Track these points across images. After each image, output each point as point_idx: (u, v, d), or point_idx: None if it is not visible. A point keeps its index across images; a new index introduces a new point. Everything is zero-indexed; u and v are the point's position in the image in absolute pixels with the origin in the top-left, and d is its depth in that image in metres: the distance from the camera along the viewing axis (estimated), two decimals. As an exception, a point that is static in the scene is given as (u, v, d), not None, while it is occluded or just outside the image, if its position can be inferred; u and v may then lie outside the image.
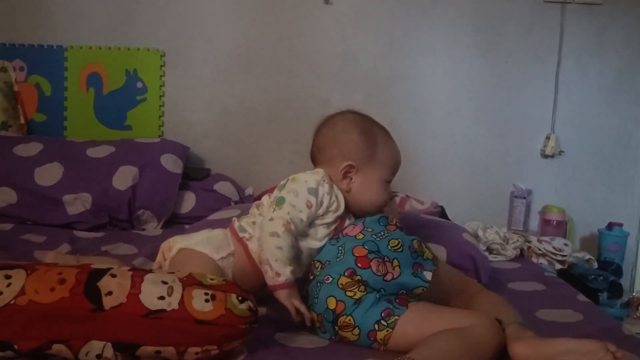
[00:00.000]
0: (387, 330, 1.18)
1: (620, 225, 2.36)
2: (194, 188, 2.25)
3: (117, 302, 0.99)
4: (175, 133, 2.48)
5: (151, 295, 1.01)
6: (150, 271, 1.10)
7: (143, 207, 2.08)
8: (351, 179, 1.38)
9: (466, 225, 2.25)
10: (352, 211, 1.40)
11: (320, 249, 1.33)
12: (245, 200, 2.26)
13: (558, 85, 2.49)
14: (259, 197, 1.97)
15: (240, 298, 1.05)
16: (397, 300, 1.22)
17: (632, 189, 2.53)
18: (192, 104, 2.51)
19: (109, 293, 1.00)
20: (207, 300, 1.03)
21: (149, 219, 2.09)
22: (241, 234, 1.36)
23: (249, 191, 2.34)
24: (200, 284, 1.06)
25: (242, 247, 1.34)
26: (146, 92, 2.47)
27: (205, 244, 1.32)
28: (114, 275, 1.03)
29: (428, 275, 1.26)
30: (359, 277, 1.22)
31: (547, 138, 2.50)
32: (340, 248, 1.29)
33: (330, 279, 1.24)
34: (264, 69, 2.50)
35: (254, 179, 2.45)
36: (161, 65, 2.47)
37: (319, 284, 1.25)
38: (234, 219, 1.42)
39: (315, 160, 1.45)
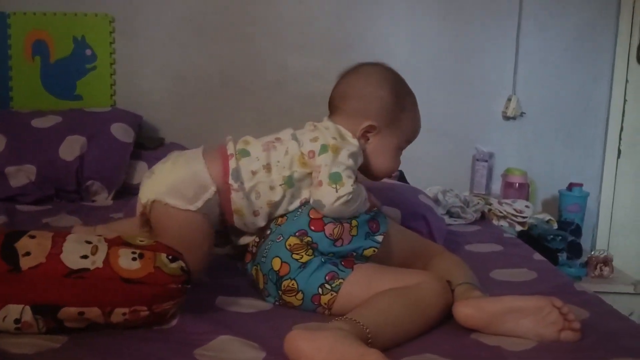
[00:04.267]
0: (332, 294, 1.15)
1: (580, 185, 2.36)
2: (146, 158, 2.17)
3: (35, 263, 0.93)
4: (128, 102, 2.39)
5: (73, 254, 0.96)
6: None
7: (92, 177, 2.00)
8: (368, 139, 1.29)
9: (427, 189, 2.22)
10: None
11: None
12: (201, 170, 2.19)
13: (518, 46, 2.46)
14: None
15: (170, 257, 1.00)
16: (343, 263, 1.19)
17: (593, 150, 2.52)
18: (145, 71, 2.42)
19: (27, 254, 0.94)
20: (134, 259, 0.98)
21: (98, 190, 2.02)
22: (233, 182, 1.20)
23: (204, 160, 2.27)
24: (128, 244, 1.01)
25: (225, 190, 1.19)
26: (96, 60, 2.37)
27: (176, 193, 1.17)
28: (32, 237, 0.98)
29: (379, 238, 1.23)
30: (309, 239, 1.18)
31: (508, 100, 2.47)
32: (302, 207, 1.24)
33: (281, 238, 1.19)
34: (218, 33, 2.41)
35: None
36: (110, 32, 2.37)
37: (270, 242, 1.21)
38: (230, 142, 1.26)
39: (334, 107, 1.32)
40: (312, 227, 1.19)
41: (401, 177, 2.19)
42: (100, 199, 2.02)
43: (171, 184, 1.19)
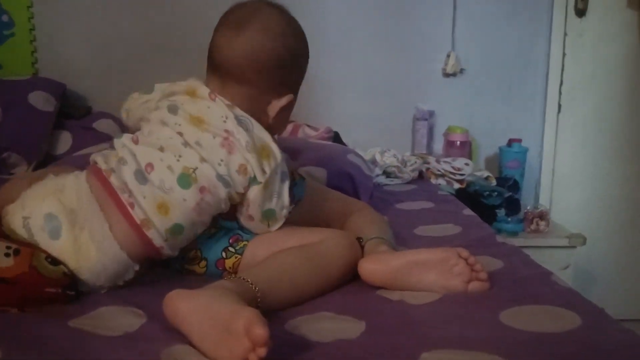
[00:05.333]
0: (236, 257, 1.09)
1: (519, 141, 2.34)
2: (70, 127, 2.08)
3: None
4: (52, 71, 2.26)
5: None
6: None
7: (8, 149, 1.90)
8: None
9: (367, 151, 2.18)
10: None
11: None
12: (129, 138, 2.10)
13: (456, 2, 2.39)
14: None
15: (50, 260, 0.92)
16: (247, 227, 1.13)
17: (533, 105, 2.50)
18: (68, 38, 2.30)
19: None
20: (7, 255, 0.89)
21: (17, 161, 1.92)
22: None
23: (133, 128, 2.19)
24: (6, 237, 0.92)
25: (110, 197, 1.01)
26: (14, 26, 2.24)
27: (85, 277, 0.98)
28: None
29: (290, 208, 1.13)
30: (218, 225, 1.12)
31: (448, 56, 2.42)
32: None
33: None
34: (144, -5, 2.31)
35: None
36: (28, -5, 2.24)
37: None
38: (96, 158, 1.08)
39: None
40: (223, 216, 1.11)
41: (336, 138, 2.13)
42: (19, 171, 1.92)
43: (78, 269, 0.98)
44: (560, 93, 2.47)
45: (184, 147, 1.03)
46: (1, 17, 2.23)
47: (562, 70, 2.45)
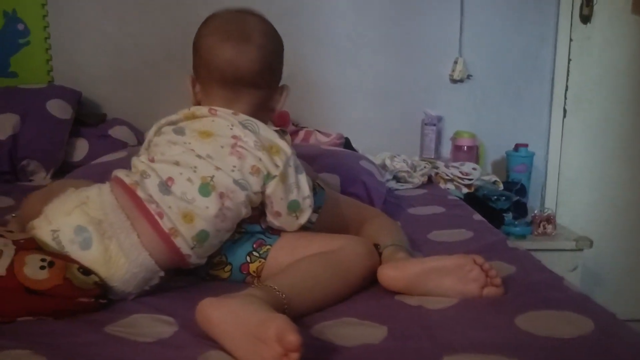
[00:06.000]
0: (260, 261, 1.13)
1: (526, 146, 2.38)
2: (86, 134, 2.13)
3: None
4: (67, 78, 2.31)
5: None
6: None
7: (28, 156, 1.95)
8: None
9: (377, 156, 2.22)
10: None
11: None
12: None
13: (463, 7, 2.44)
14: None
15: (82, 270, 0.95)
16: (270, 231, 1.17)
17: (540, 110, 2.54)
18: (83, 45, 2.35)
19: None
20: (42, 267, 0.92)
21: (36, 169, 1.97)
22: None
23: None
24: (39, 249, 0.95)
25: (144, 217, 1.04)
26: (29, 35, 2.29)
27: (117, 284, 1.01)
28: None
29: (313, 217, 1.19)
30: (242, 230, 1.16)
31: (455, 62, 2.46)
32: None
33: None
34: (157, 2, 2.35)
35: (155, 121, 2.31)
36: (43, 4, 2.28)
37: None
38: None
39: None
40: (247, 220, 1.15)
41: (347, 144, 2.18)
42: (38, 179, 1.97)
43: (109, 278, 1.01)
44: (565, 98, 2.50)
45: (197, 159, 1.08)
46: (17, 26, 2.28)
47: (568, 75, 2.49)
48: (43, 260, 0.93)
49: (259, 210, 1.15)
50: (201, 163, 1.07)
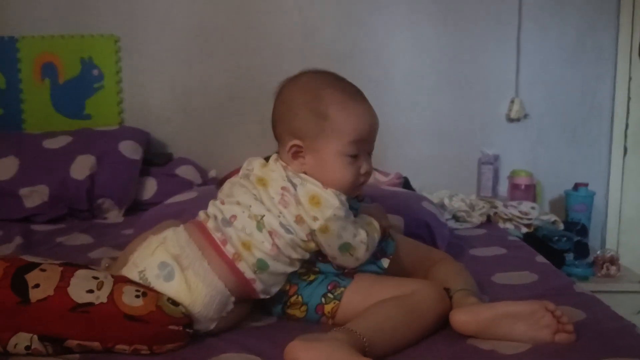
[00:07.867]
0: (334, 303, 1.18)
1: (586, 185, 2.36)
2: (155, 173, 2.23)
3: (44, 295, 0.98)
4: (136, 119, 2.45)
5: (80, 288, 0.99)
6: (86, 267, 1.09)
7: (103, 195, 2.06)
8: (304, 158, 1.18)
9: (434, 194, 2.24)
10: None
11: None
12: (209, 183, 2.24)
13: (520, 48, 2.47)
14: (223, 179, 1.93)
15: (171, 301, 1.04)
16: (343, 273, 1.22)
17: (599, 149, 2.52)
18: (151, 88, 2.48)
19: (36, 286, 0.99)
20: (137, 296, 1.01)
21: (110, 207, 2.08)
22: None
23: (212, 173, 2.32)
24: (132, 282, 1.05)
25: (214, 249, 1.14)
26: (103, 79, 2.43)
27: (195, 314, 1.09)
28: (43, 270, 1.02)
29: (385, 263, 1.24)
30: (316, 269, 1.22)
31: (512, 102, 2.48)
32: None
33: None
34: (222, 47, 2.46)
35: (219, 160, 2.42)
36: (116, 51, 2.43)
37: None
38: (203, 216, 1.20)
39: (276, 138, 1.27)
40: (320, 259, 1.21)
41: (406, 184, 2.21)
42: (112, 216, 2.08)
43: (192, 304, 1.09)
44: (625, 136, 2.49)
45: (253, 200, 1.17)
46: (92, 72, 2.42)
47: (628, 113, 2.48)
48: (137, 290, 1.03)
49: None
50: (255, 203, 1.16)
